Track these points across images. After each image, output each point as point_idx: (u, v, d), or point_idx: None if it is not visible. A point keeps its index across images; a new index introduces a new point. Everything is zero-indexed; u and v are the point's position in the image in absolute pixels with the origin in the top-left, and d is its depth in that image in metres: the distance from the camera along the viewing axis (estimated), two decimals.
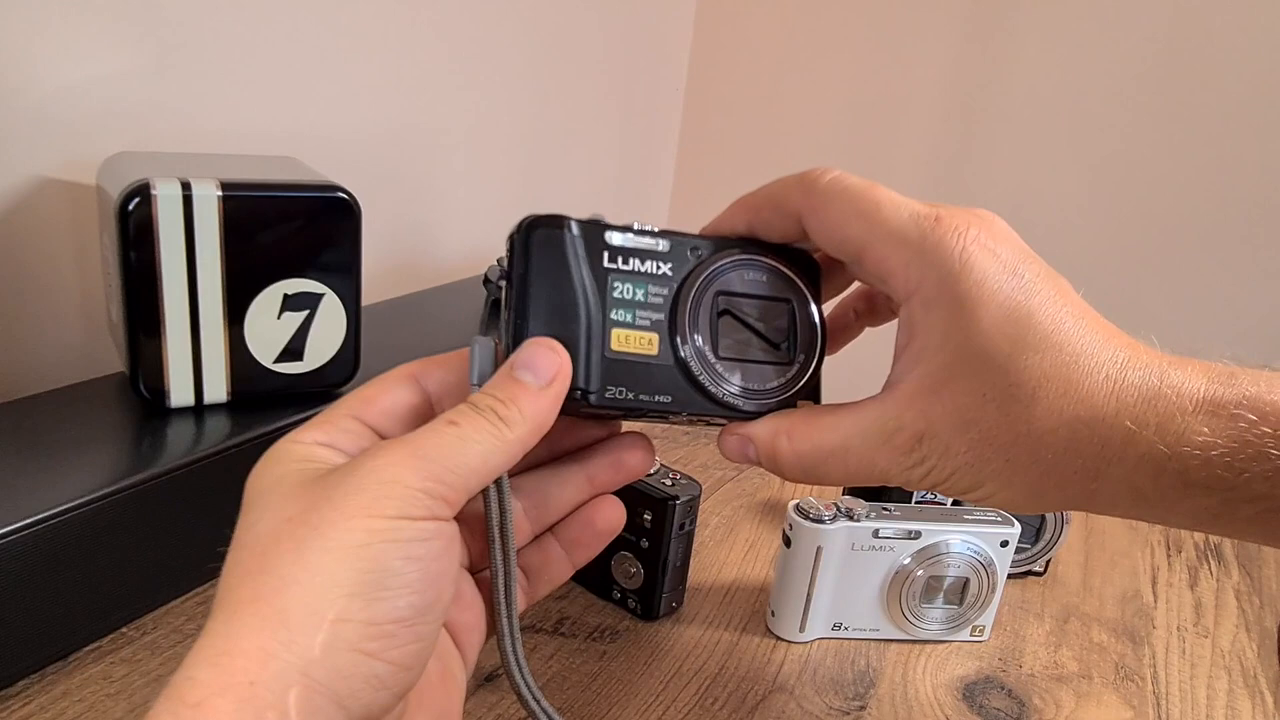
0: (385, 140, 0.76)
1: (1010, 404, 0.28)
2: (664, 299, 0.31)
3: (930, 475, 0.30)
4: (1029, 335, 0.27)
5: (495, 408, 0.28)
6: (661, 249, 0.31)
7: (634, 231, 0.31)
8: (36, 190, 0.51)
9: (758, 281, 0.33)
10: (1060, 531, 0.53)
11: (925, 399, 0.29)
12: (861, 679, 0.46)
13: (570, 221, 0.31)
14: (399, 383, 0.31)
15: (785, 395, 0.32)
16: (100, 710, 0.38)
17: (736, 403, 0.32)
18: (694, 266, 0.32)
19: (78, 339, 0.55)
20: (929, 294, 0.29)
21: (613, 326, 0.30)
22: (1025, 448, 0.28)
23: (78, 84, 0.52)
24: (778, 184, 0.32)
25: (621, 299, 0.31)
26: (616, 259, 0.31)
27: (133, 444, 0.45)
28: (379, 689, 0.25)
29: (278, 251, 0.47)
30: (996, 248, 0.28)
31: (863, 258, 0.30)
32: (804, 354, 0.33)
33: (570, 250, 0.30)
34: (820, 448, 0.31)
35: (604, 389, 0.30)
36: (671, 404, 0.31)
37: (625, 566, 0.47)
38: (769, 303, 0.33)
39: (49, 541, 0.38)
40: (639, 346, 0.31)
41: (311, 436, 0.29)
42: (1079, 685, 0.47)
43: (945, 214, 0.29)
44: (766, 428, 0.32)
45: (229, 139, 0.61)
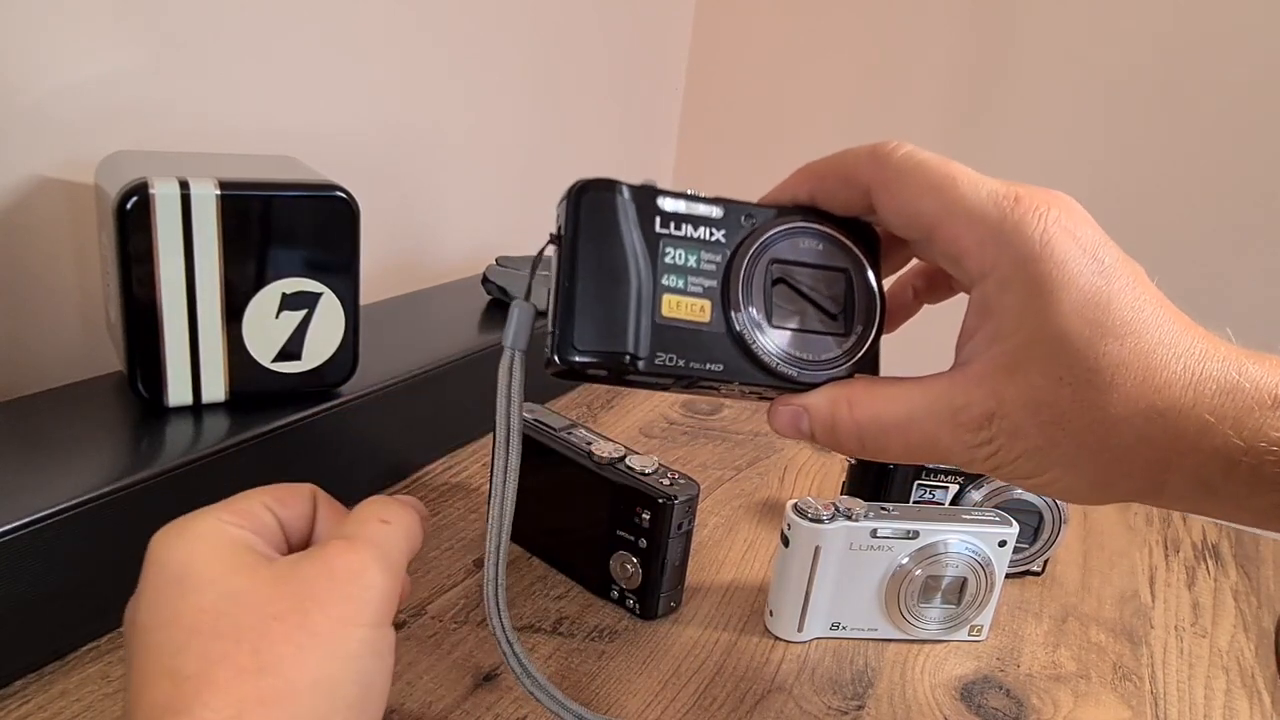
0: (384, 140, 0.76)
1: (1086, 389, 0.27)
2: (717, 266, 0.31)
3: (995, 457, 0.29)
4: (1109, 321, 0.27)
5: (402, 500, 0.34)
6: (715, 215, 0.31)
7: (687, 197, 0.31)
8: (35, 189, 0.51)
9: (814, 250, 0.32)
10: (1058, 531, 0.53)
11: (998, 378, 0.28)
12: (860, 679, 0.46)
13: (622, 185, 0.30)
14: (305, 496, 0.33)
15: (842, 366, 0.31)
16: (98, 710, 0.38)
17: (790, 373, 0.31)
18: (748, 233, 0.31)
19: (76, 338, 0.55)
20: (1006, 274, 0.28)
21: (664, 292, 0.30)
22: (1097, 435, 0.27)
23: (76, 83, 0.52)
24: (845, 155, 0.31)
25: (673, 265, 0.30)
26: (669, 224, 0.30)
27: (131, 443, 0.45)
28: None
29: (276, 251, 0.47)
30: (1077, 230, 0.28)
31: (935, 235, 0.29)
32: (862, 324, 0.32)
33: (621, 214, 0.30)
34: (882, 419, 0.30)
35: (654, 355, 0.30)
36: (723, 373, 0.30)
37: (624, 566, 0.47)
38: (826, 271, 0.32)
39: (47, 540, 0.38)
40: (690, 313, 0.30)
41: (234, 519, 0.30)
42: (1077, 685, 0.47)
43: (1025, 193, 0.28)
44: (824, 397, 0.31)
45: (227, 138, 0.61)
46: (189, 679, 0.25)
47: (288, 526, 0.32)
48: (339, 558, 0.29)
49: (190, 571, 0.28)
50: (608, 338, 0.29)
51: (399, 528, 0.32)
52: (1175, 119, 0.96)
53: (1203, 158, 0.96)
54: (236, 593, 0.27)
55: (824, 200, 0.32)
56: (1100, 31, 0.98)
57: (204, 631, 0.26)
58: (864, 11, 1.10)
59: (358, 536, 0.30)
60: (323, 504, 0.34)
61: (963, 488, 0.53)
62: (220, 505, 0.31)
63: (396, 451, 0.58)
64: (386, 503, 0.33)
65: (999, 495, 0.52)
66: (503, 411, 0.34)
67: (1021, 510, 0.52)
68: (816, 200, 0.32)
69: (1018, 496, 0.52)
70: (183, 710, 0.24)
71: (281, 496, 0.32)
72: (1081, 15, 0.98)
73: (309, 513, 0.33)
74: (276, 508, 0.32)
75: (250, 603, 0.27)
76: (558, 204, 0.31)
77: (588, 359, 0.29)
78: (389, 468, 0.58)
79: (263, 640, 0.26)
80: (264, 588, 0.27)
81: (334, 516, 0.33)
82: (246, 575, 0.28)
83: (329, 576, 0.28)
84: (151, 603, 0.27)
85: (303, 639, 0.26)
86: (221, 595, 0.27)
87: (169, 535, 0.29)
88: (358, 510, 0.32)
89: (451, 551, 0.52)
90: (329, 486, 0.35)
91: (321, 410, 0.50)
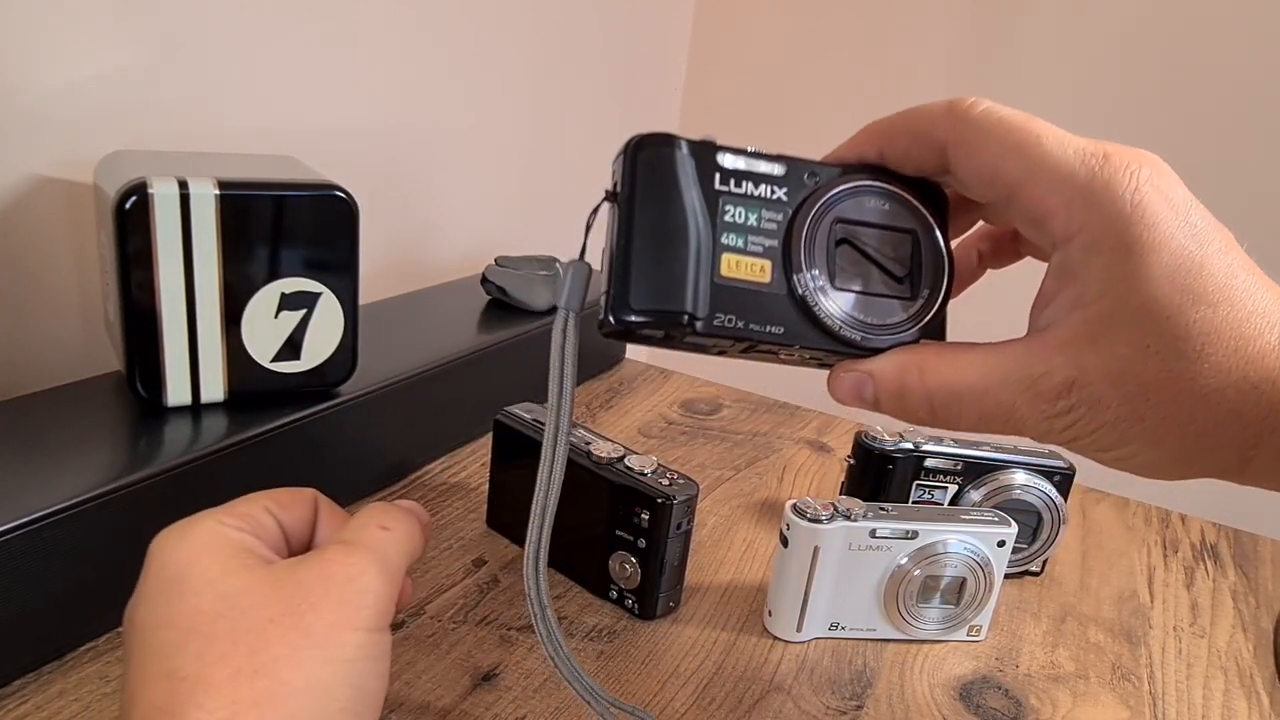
0: (383, 139, 0.76)
1: (1175, 359, 0.26)
2: (778, 225, 0.30)
3: (1073, 428, 0.28)
4: (1201, 287, 0.25)
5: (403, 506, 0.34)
6: (777, 173, 0.30)
7: (748, 154, 0.30)
8: (34, 189, 0.51)
9: (879, 210, 0.30)
10: (1057, 531, 0.53)
11: (1080, 346, 0.27)
12: (858, 679, 0.46)
13: (681, 141, 0.29)
14: (307, 500, 0.33)
15: (908, 331, 0.30)
16: (96, 710, 0.38)
17: (854, 337, 0.30)
18: (811, 192, 0.30)
19: (75, 337, 0.55)
20: (1093, 237, 0.26)
21: (723, 251, 0.29)
22: (1184, 406, 0.26)
23: (75, 82, 0.52)
24: (918, 111, 0.30)
25: (733, 223, 0.29)
26: (729, 181, 0.29)
27: (129, 443, 0.45)
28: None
29: (275, 250, 0.47)
30: (1169, 190, 0.26)
31: (1017, 196, 0.28)
32: (929, 288, 0.31)
33: (680, 170, 0.29)
34: (954, 386, 0.29)
35: (712, 316, 0.29)
36: (784, 335, 0.29)
37: (623, 565, 0.47)
38: (892, 233, 0.31)
39: (45, 540, 0.37)
40: (750, 273, 0.29)
41: (234, 522, 0.30)
42: (1076, 685, 0.47)
43: (1114, 151, 0.27)
44: (892, 362, 0.30)
45: (227, 138, 0.61)
46: (184, 680, 0.25)
47: (288, 530, 0.32)
48: (337, 562, 0.29)
49: (189, 573, 0.28)
50: (665, 297, 0.28)
51: (398, 534, 0.32)
52: (1175, 116, 0.96)
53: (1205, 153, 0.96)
54: (234, 595, 0.27)
55: (894, 159, 0.31)
56: (1100, 29, 0.98)
57: (201, 633, 0.26)
58: (863, 11, 1.10)
59: (356, 542, 0.30)
60: (324, 508, 0.34)
61: (961, 488, 0.53)
62: (221, 508, 0.31)
63: (396, 451, 0.58)
64: (387, 509, 0.33)
65: (998, 496, 0.52)
66: (556, 374, 0.32)
67: (1020, 510, 0.52)
68: (886, 159, 0.31)
69: (1016, 497, 0.52)
70: (177, 711, 0.25)
71: (283, 500, 0.32)
72: (1081, 14, 0.98)
73: (310, 517, 0.33)
74: (277, 511, 0.32)
75: (247, 605, 0.27)
76: (614, 160, 0.30)
77: (644, 319, 0.28)
78: (388, 467, 0.58)
79: (258, 642, 0.26)
80: (261, 590, 0.27)
81: (335, 521, 0.34)
82: (244, 578, 0.28)
83: (326, 580, 0.28)
84: (150, 603, 0.28)
85: (298, 641, 0.26)
86: (219, 597, 0.27)
87: (169, 537, 0.29)
88: (358, 516, 0.32)
89: (450, 551, 0.52)
90: (328, 486, 0.35)
91: (321, 410, 0.50)
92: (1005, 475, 0.52)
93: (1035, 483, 0.52)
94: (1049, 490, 0.52)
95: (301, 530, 0.33)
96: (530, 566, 0.34)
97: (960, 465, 0.52)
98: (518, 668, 0.44)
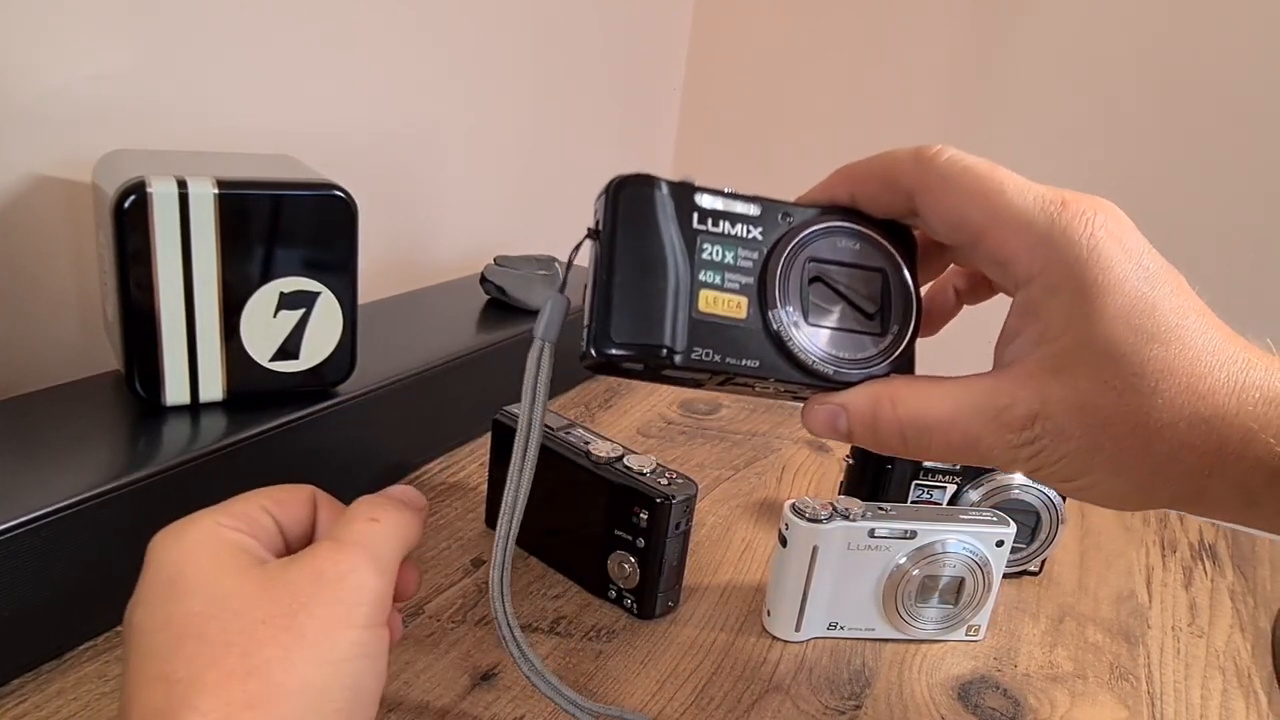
0: (382, 139, 0.76)
1: (1131, 394, 0.27)
2: (754, 263, 0.31)
3: (1037, 458, 0.29)
4: (1154, 326, 0.27)
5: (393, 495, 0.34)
6: (753, 213, 0.31)
7: (725, 195, 0.31)
8: (32, 188, 0.51)
9: (851, 249, 0.32)
10: (1055, 531, 0.53)
11: (1043, 379, 0.28)
12: (857, 678, 0.46)
13: (661, 181, 0.30)
14: (305, 498, 0.33)
15: (879, 365, 0.32)
16: (95, 709, 0.38)
17: (826, 371, 0.31)
18: (785, 232, 0.31)
19: (73, 337, 0.55)
20: (1053, 279, 0.28)
21: (701, 288, 0.30)
22: (1141, 439, 0.27)
23: (74, 81, 0.52)
24: (887, 157, 0.31)
25: (710, 260, 0.30)
26: (706, 220, 0.31)
27: (128, 442, 0.45)
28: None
29: (274, 250, 0.47)
30: (1123, 236, 0.28)
31: (981, 240, 0.29)
32: (898, 324, 0.32)
33: (660, 209, 0.30)
34: (924, 417, 0.30)
35: (690, 349, 0.30)
36: (759, 369, 0.30)
37: (621, 565, 0.47)
38: (862, 271, 0.32)
39: (44, 539, 0.37)
40: (727, 309, 0.30)
41: (231, 522, 0.30)
42: (1074, 685, 0.47)
43: (1071, 199, 0.28)
44: (863, 395, 0.31)
45: (226, 137, 0.61)
46: (179, 683, 0.25)
47: (286, 529, 0.32)
48: (327, 560, 0.29)
49: (183, 574, 0.28)
50: (645, 331, 0.29)
51: (388, 525, 0.31)
52: (1174, 119, 0.96)
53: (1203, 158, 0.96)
54: (226, 596, 0.27)
55: (864, 202, 0.32)
56: (1099, 32, 0.98)
57: (194, 635, 0.26)
58: (863, 11, 1.10)
59: (345, 538, 0.30)
60: (323, 506, 0.34)
61: (960, 488, 0.53)
62: (218, 508, 0.31)
63: (394, 451, 0.58)
64: (376, 501, 0.33)
65: (996, 495, 0.52)
66: (526, 403, 0.33)
67: (1019, 510, 0.52)
68: (857, 202, 0.32)
69: (1015, 497, 0.52)
70: (172, 714, 0.25)
71: (280, 499, 0.32)
72: (1080, 15, 0.98)
73: (308, 515, 0.33)
74: (275, 510, 0.32)
75: (239, 606, 0.27)
76: (596, 199, 0.31)
77: (624, 352, 0.29)
78: (387, 467, 0.58)
79: (251, 643, 0.26)
80: (253, 591, 0.27)
81: (333, 517, 0.33)
82: (237, 579, 0.28)
83: (317, 579, 0.28)
84: (147, 605, 0.28)
85: (290, 642, 0.26)
86: (212, 599, 0.27)
87: (166, 538, 0.29)
88: (348, 510, 0.32)
89: (449, 551, 0.52)
90: (327, 486, 0.35)
91: (319, 410, 0.50)
92: (1004, 475, 0.52)
93: (1034, 483, 0.52)
94: (1048, 490, 0.52)
95: (300, 528, 0.33)
96: (495, 589, 0.34)
97: (959, 465, 0.52)
98: (516, 667, 0.43)
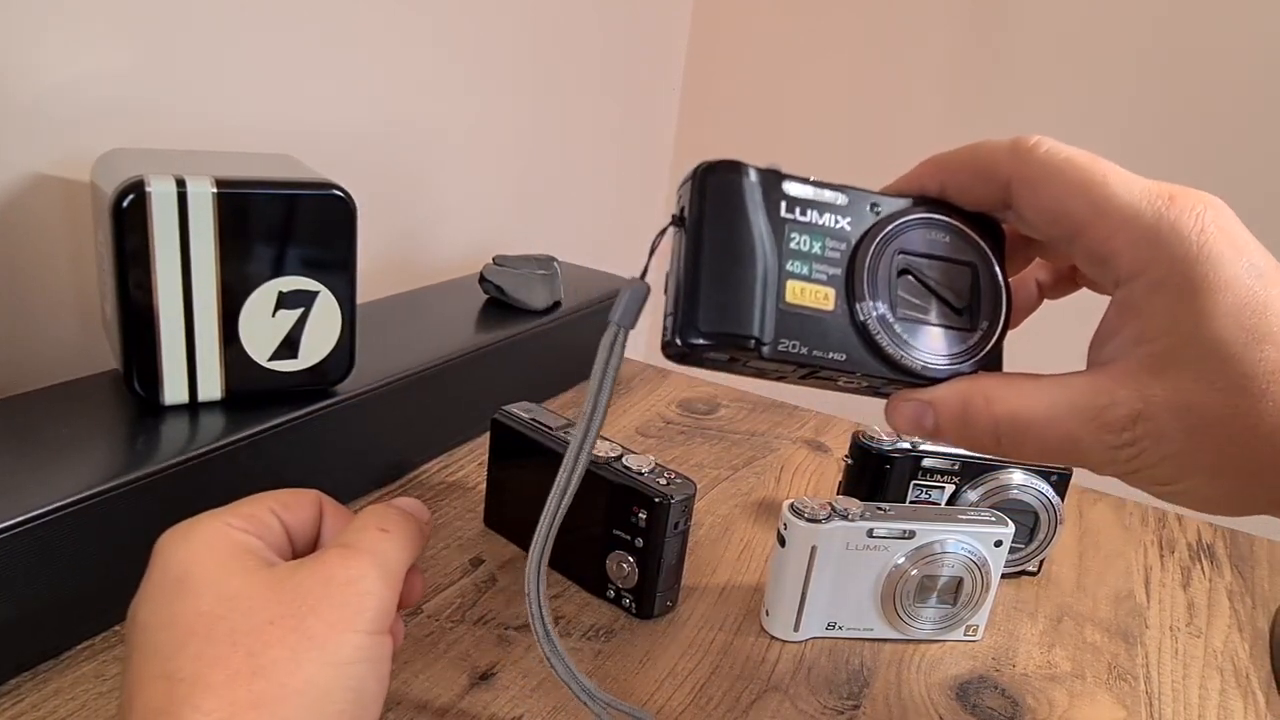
0: (381, 138, 0.75)
1: (1239, 396, 0.26)
2: (841, 254, 0.30)
3: (1135, 460, 0.28)
4: (1266, 326, 0.26)
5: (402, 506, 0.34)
6: (840, 202, 0.31)
7: (813, 183, 0.30)
8: (31, 187, 0.51)
9: (941, 242, 0.31)
10: (1054, 531, 0.54)
11: (1145, 379, 0.27)
12: (855, 678, 0.46)
13: (748, 168, 0.30)
14: (311, 502, 0.33)
15: (967, 362, 0.31)
16: (93, 709, 0.38)
17: (914, 366, 0.30)
18: (874, 223, 0.31)
19: (72, 336, 0.55)
20: (1158, 276, 0.27)
21: (788, 278, 0.30)
22: (1245, 443, 0.27)
23: (72, 80, 0.52)
24: (981, 148, 0.30)
25: (798, 250, 0.30)
26: (794, 209, 0.30)
27: (126, 442, 0.45)
28: None
29: (273, 249, 0.47)
30: (1233, 233, 0.27)
31: (1081, 234, 0.28)
32: (987, 321, 0.31)
33: (748, 196, 0.29)
34: (1020, 414, 0.29)
35: (778, 341, 0.29)
36: (846, 362, 0.30)
37: (620, 565, 0.47)
38: (951, 265, 0.31)
39: (42, 539, 0.37)
40: (814, 300, 0.30)
41: (239, 523, 0.30)
42: (1072, 685, 0.48)
43: (1179, 193, 0.27)
44: (954, 391, 0.30)
45: (225, 136, 0.61)
46: (183, 681, 0.25)
47: (293, 532, 0.32)
48: (336, 565, 0.29)
49: (191, 573, 0.28)
50: (732, 321, 0.29)
51: (398, 536, 0.32)
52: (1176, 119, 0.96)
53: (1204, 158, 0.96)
54: (234, 596, 0.27)
55: (955, 193, 0.31)
56: (1100, 29, 0.98)
57: (200, 634, 0.26)
58: (862, 11, 1.10)
59: (356, 545, 0.30)
60: (328, 509, 0.34)
61: (958, 488, 0.53)
62: (226, 509, 0.31)
63: (394, 450, 0.58)
64: (387, 511, 0.33)
65: (995, 495, 0.52)
66: (594, 386, 0.32)
67: (1017, 510, 0.52)
68: (947, 193, 0.32)
69: (1013, 497, 0.52)
70: (175, 713, 0.25)
71: (288, 502, 0.32)
72: (1080, 14, 0.99)
73: (314, 518, 0.33)
74: (282, 512, 0.32)
75: (247, 606, 0.27)
76: (679, 185, 0.30)
77: (710, 341, 0.29)
78: (386, 467, 0.58)
79: (257, 644, 0.26)
80: (261, 592, 0.28)
81: (339, 522, 0.34)
82: (245, 579, 0.28)
83: (326, 583, 0.28)
84: (152, 603, 0.28)
85: (297, 643, 0.26)
86: (219, 598, 0.27)
87: (173, 537, 0.29)
88: (358, 518, 0.32)
89: (448, 551, 0.52)
90: (325, 485, 0.35)
91: (318, 409, 0.50)
92: (1002, 475, 0.52)
93: (1032, 482, 0.52)
94: (1046, 490, 0.52)
95: (306, 532, 0.33)
96: (533, 568, 0.34)
97: (957, 465, 0.52)
98: (515, 667, 0.44)
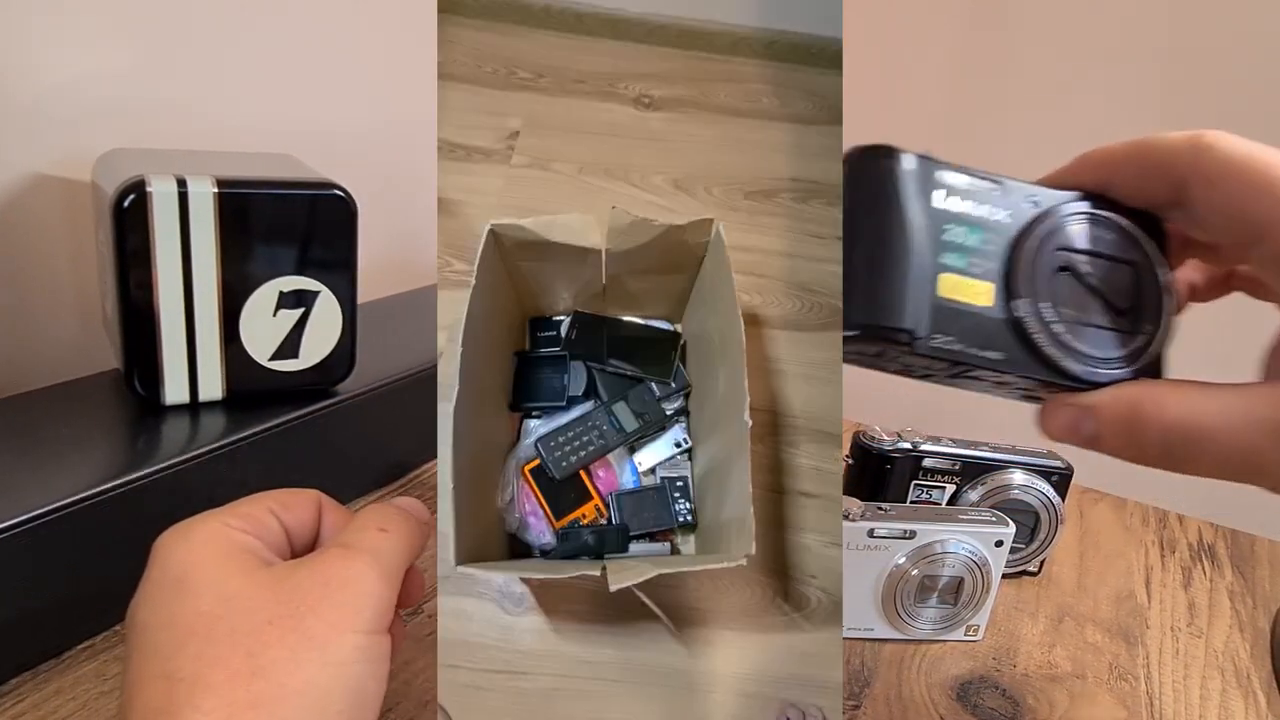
0: (382, 138, 0.75)
1: None
2: (999, 248, 0.28)
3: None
4: None
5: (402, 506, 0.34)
6: (998, 194, 0.29)
7: (969, 172, 0.29)
8: (32, 187, 0.51)
9: (1103, 239, 0.29)
10: (1054, 532, 0.54)
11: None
12: (856, 678, 0.46)
13: (902, 154, 0.28)
14: (310, 501, 0.33)
15: (1126, 369, 0.29)
16: (93, 708, 0.38)
17: (1074, 369, 0.28)
18: (1034, 217, 0.29)
19: (73, 335, 0.55)
20: None
21: (942, 270, 0.28)
22: None
23: (73, 80, 0.52)
24: (1154, 142, 0.28)
25: (953, 243, 0.28)
26: (950, 199, 0.28)
27: (127, 441, 0.45)
28: None
29: (273, 249, 0.47)
30: None
31: (1266, 237, 0.26)
32: (1151, 324, 0.29)
33: (902, 184, 0.28)
34: (1195, 425, 0.26)
35: (931, 335, 0.27)
36: (1002, 362, 0.28)
37: None
38: (1114, 264, 0.29)
39: (43, 539, 0.37)
40: (971, 295, 0.28)
41: (238, 523, 0.30)
42: (1073, 685, 0.48)
43: None
44: (1118, 396, 0.28)
45: (225, 136, 0.61)
46: (182, 681, 0.25)
47: (292, 531, 0.32)
48: (335, 565, 0.29)
49: (190, 573, 0.28)
50: (885, 313, 0.27)
51: (397, 536, 0.32)
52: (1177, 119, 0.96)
53: None
54: (233, 596, 0.27)
55: (1122, 189, 0.29)
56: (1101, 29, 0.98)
57: (200, 634, 0.26)
58: (862, 10, 1.10)
59: (355, 545, 0.30)
60: (328, 509, 0.34)
61: (959, 488, 0.53)
62: (225, 508, 0.31)
63: (394, 450, 0.58)
64: (386, 511, 0.33)
65: (995, 495, 0.52)
66: None
67: (1018, 510, 0.52)
68: (1111, 188, 0.30)
69: (1014, 497, 0.52)
70: (174, 713, 0.25)
71: (287, 502, 0.32)
72: (1081, 14, 0.98)
73: (313, 518, 0.33)
74: (281, 512, 0.32)
75: (246, 607, 0.27)
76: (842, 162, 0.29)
77: (859, 332, 0.27)
78: (386, 466, 0.58)
79: (257, 644, 0.26)
80: (260, 592, 0.28)
81: (338, 522, 0.34)
82: (244, 579, 0.28)
83: (325, 583, 0.28)
84: (152, 603, 0.28)
85: (296, 643, 0.26)
86: (219, 598, 0.27)
87: (173, 536, 0.29)
88: (357, 518, 0.32)
89: None
90: (326, 485, 0.35)
91: (319, 409, 0.50)
92: (1003, 475, 0.52)
93: (1033, 483, 0.52)
94: (1047, 490, 0.52)
95: (305, 531, 0.33)
96: None
97: (958, 465, 0.52)
98: None
